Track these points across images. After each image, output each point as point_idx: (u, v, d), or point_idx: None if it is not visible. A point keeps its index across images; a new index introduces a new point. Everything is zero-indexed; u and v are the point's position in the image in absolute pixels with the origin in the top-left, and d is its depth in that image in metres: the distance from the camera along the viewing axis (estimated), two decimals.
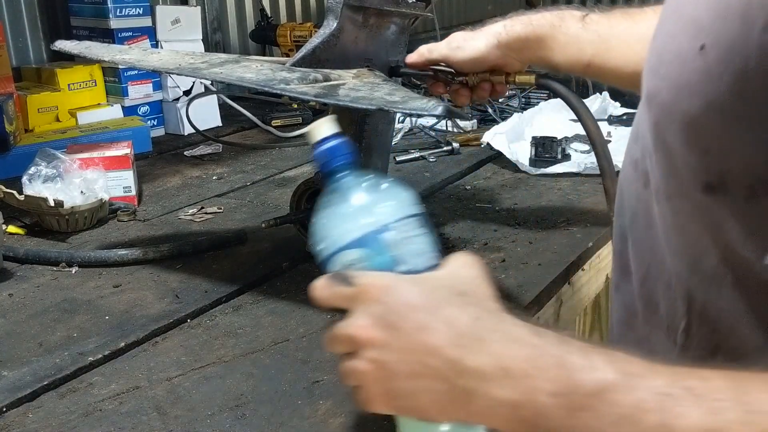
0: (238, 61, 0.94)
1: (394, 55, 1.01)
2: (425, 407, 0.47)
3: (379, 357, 0.47)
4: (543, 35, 0.90)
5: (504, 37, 0.92)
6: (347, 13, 0.93)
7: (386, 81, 0.91)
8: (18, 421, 0.70)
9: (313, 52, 0.93)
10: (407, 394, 0.47)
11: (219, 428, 0.67)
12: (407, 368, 0.46)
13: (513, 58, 0.94)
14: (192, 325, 0.87)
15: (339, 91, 0.83)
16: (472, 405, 0.45)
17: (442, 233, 1.11)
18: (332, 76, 0.88)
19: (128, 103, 1.69)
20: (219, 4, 2.21)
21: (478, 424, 0.47)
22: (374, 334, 0.47)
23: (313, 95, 0.82)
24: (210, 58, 0.95)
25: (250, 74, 0.88)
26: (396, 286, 0.48)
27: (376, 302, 0.48)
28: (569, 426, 0.42)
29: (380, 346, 0.47)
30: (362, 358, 0.48)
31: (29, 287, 0.98)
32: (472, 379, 0.45)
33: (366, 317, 0.48)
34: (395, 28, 1.01)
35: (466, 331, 0.46)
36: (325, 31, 0.93)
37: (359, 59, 0.96)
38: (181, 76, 1.66)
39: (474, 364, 0.45)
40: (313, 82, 0.85)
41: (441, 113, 0.75)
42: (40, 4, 1.78)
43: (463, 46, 0.94)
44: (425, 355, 0.46)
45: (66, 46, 1.02)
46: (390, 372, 0.47)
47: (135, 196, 1.29)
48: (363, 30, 0.97)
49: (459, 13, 3.15)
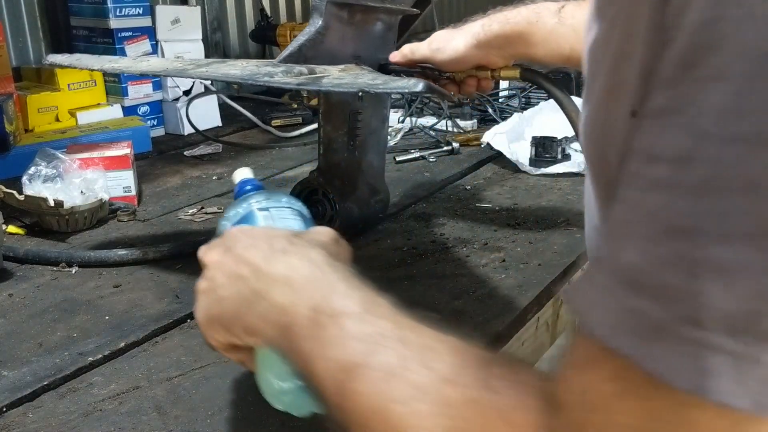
0: (225, 61, 0.94)
1: (384, 52, 1.01)
2: (227, 311, 0.54)
3: (210, 273, 0.57)
4: (520, 32, 0.92)
5: (482, 37, 0.93)
6: (332, 10, 0.93)
7: (371, 72, 0.91)
8: (18, 421, 0.70)
9: (299, 50, 0.92)
10: (218, 300, 0.55)
11: (219, 428, 0.67)
12: (224, 278, 0.55)
13: (494, 55, 0.95)
14: (192, 325, 0.87)
15: (322, 80, 0.83)
16: (258, 306, 0.52)
17: (442, 233, 1.11)
18: (318, 69, 0.88)
19: (128, 103, 1.69)
20: (219, 4, 2.21)
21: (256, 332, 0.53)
22: (213, 256, 0.57)
23: (295, 84, 0.82)
24: (198, 61, 0.95)
25: (234, 71, 0.88)
26: (244, 228, 0.60)
27: (226, 238, 0.59)
28: (308, 336, 0.48)
29: (214, 266, 0.57)
30: (202, 277, 0.57)
31: (29, 287, 0.98)
32: (264, 282, 0.53)
33: (213, 248, 0.58)
34: (382, 25, 1.01)
35: (278, 249, 0.54)
36: (311, 29, 0.93)
37: (348, 57, 0.96)
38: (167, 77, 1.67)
39: (269, 270, 0.53)
40: (298, 74, 0.85)
41: (422, 89, 0.77)
42: (40, 4, 1.78)
43: (443, 48, 0.96)
44: (240, 264, 0.55)
45: (57, 59, 1.03)
46: (213, 284, 0.56)
47: (135, 196, 1.29)
48: (349, 27, 0.97)
49: (459, 13, 3.16)
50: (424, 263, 1.01)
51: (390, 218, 1.17)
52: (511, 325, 0.85)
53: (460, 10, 3.23)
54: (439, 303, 0.89)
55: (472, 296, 0.91)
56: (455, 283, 0.94)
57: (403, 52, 0.99)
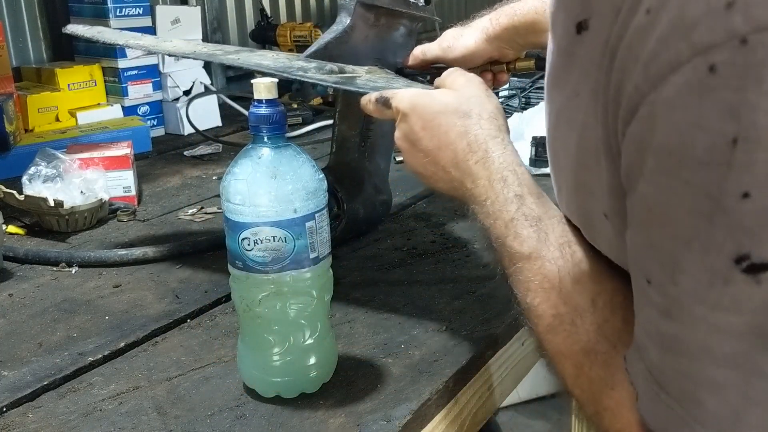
0: (254, 51, 0.95)
1: (401, 57, 1.02)
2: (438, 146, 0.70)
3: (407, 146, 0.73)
4: (529, 22, 0.92)
5: (492, 31, 0.94)
6: (360, 11, 0.95)
7: (397, 77, 0.92)
8: (18, 421, 0.70)
9: (325, 47, 0.94)
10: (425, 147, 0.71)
11: (219, 428, 0.67)
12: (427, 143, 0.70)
13: (505, 48, 0.96)
14: (192, 325, 0.87)
15: (357, 81, 0.84)
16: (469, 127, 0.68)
17: (442, 233, 1.11)
18: (347, 69, 0.89)
19: (128, 103, 1.69)
20: (219, 4, 2.21)
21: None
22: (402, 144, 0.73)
23: (332, 82, 0.84)
24: (225, 48, 0.96)
25: (267, 61, 0.89)
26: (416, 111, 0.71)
27: (405, 121, 0.72)
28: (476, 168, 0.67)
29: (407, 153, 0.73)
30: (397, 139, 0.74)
31: (29, 287, 0.98)
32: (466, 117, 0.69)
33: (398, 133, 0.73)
34: (404, 30, 1.02)
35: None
36: (338, 28, 0.95)
37: (368, 58, 0.97)
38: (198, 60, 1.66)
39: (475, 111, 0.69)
40: (329, 72, 0.86)
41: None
42: (40, 4, 1.78)
43: (453, 46, 0.96)
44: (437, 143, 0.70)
45: (78, 30, 1.01)
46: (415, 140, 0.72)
47: (135, 196, 1.29)
48: (373, 29, 0.98)
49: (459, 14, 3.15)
50: (424, 263, 1.01)
51: (390, 218, 1.17)
52: (511, 325, 0.85)
53: (461, 11, 3.23)
54: (439, 303, 0.89)
55: (472, 296, 0.91)
56: (455, 283, 0.94)
57: (414, 55, 1.00)
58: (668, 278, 0.44)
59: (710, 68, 0.37)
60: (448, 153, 0.68)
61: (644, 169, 0.43)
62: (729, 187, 0.39)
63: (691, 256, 0.42)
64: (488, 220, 0.65)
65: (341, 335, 0.82)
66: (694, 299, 0.43)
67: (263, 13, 2.18)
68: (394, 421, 0.67)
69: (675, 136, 0.40)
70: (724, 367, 0.44)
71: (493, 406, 0.84)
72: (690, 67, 0.38)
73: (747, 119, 0.37)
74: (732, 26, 0.37)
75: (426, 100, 0.71)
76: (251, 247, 0.67)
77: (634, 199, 0.46)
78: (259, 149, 0.68)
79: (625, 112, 0.44)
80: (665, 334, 0.46)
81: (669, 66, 0.39)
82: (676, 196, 0.42)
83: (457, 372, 0.76)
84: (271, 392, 0.71)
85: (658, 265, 0.46)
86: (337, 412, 0.69)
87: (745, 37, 0.36)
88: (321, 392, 0.72)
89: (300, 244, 0.67)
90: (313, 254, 0.68)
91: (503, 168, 0.66)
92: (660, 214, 0.44)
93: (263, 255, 0.67)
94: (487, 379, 0.81)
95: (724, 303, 0.42)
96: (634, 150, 0.44)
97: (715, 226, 0.40)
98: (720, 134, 0.38)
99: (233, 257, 0.69)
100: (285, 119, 0.68)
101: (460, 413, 0.77)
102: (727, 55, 0.37)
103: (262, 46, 2.26)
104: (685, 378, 0.46)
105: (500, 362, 0.84)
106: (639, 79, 0.42)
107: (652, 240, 0.45)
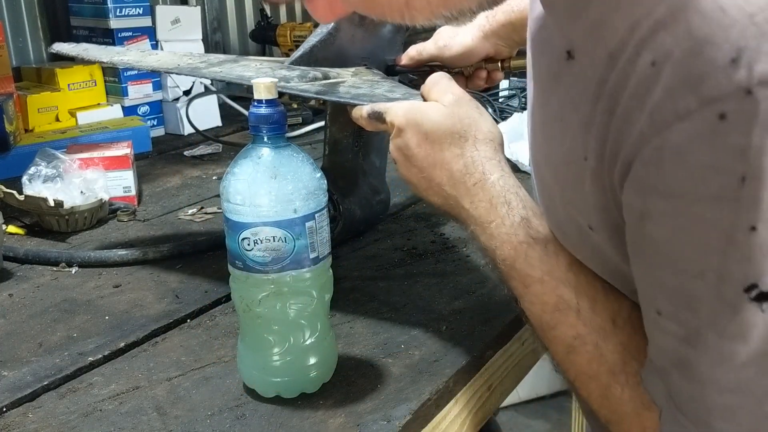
0: (237, 61, 0.94)
1: (391, 54, 1.02)
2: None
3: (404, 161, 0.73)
4: (526, 18, 0.91)
5: (488, 28, 0.93)
6: None
7: (385, 79, 0.91)
8: (18, 421, 0.70)
9: (310, 51, 0.93)
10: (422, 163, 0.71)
11: (219, 428, 0.67)
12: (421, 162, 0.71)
13: (501, 45, 0.96)
14: (192, 325, 0.87)
15: (339, 88, 0.83)
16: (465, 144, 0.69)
17: (442, 233, 1.11)
18: (331, 74, 0.88)
19: (128, 103, 1.69)
20: (219, 4, 2.21)
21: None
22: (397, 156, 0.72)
23: (313, 92, 0.82)
24: (208, 58, 0.95)
25: (249, 72, 0.88)
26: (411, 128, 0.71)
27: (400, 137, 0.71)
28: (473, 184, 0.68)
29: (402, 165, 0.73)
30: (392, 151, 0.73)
31: (29, 287, 0.98)
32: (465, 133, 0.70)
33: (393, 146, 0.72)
34: (391, 27, 1.02)
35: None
36: (323, 30, 0.94)
37: (356, 58, 0.97)
38: (180, 75, 1.66)
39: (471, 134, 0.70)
40: (313, 79, 0.85)
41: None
42: (40, 4, 1.78)
43: (450, 44, 0.96)
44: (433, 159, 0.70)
45: (63, 48, 1.02)
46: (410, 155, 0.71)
47: (135, 196, 1.29)
48: (359, 29, 0.97)
49: None
50: (424, 263, 1.01)
51: (390, 218, 1.17)
52: (511, 325, 0.85)
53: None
54: (439, 303, 0.89)
55: (472, 296, 0.91)
56: (455, 283, 0.94)
57: (410, 54, 0.99)
58: (684, 309, 0.47)
59: (720, 116, 0.41)
60: (443, 172, 0.69)
61: (653, 213, 0.46)
62: (738, 221, 0.42)
63: (706, 287, 0.45)
64: (493, 242, 0.65)
65: (341, 335, 0.82)
66: (709, 327, 0.46)
67: (263, 13, 2.18)
68: (394, 421, 0.67)
69: (687, 179, 0.43)
70: (732, 393, 0.46)
71: (493, 406, 0.84)
72: (699, 116, 0.42)
73: (755, 160, 0.41)
74: (738, 80, 0.41)
75: (421, 117, 0.70)
76: (251, 247, 0.67)
77: (636, 236, 0.49)
78: (259, 149, 0.68)
79: (626, 155, 0.47)
80: (683, 360, 0.49)
81: (675, 115, 0.43)
82: (687, 234, 0.45)
83: (457, 372, 0.76)
84: (271, 392, 0.71)
85: (667, 300, 0.48)
86: (337, 412, 0.69)
87: (750, 89, 0.40)
88: (321, 392, 0.72)
89: (300, 244, 0.67)
90: (313, 254, 0.68)
91: (505, 191, 0.66)
92: (669, 252, 0.46)
93: (263, 255, 0.67)
94: (487, 379, 0.81)
95: (732, 331, 0.45)
96: (635, 192, 0.47)
97: (728, 258, 0.44)
98: (731, 173, 0.42)
99: (233, 257, 0.69)
100: (285, 119, 0.68)
101: (460, 413, 0.77)
102: (735, 104, 0.41)
103: (262, 46, 2.26)
104: (697, 403, 0.49)
105: (500, 362, 0.84)
106: (644, 126, 0.45)
107: (662, 277, 0.48)
